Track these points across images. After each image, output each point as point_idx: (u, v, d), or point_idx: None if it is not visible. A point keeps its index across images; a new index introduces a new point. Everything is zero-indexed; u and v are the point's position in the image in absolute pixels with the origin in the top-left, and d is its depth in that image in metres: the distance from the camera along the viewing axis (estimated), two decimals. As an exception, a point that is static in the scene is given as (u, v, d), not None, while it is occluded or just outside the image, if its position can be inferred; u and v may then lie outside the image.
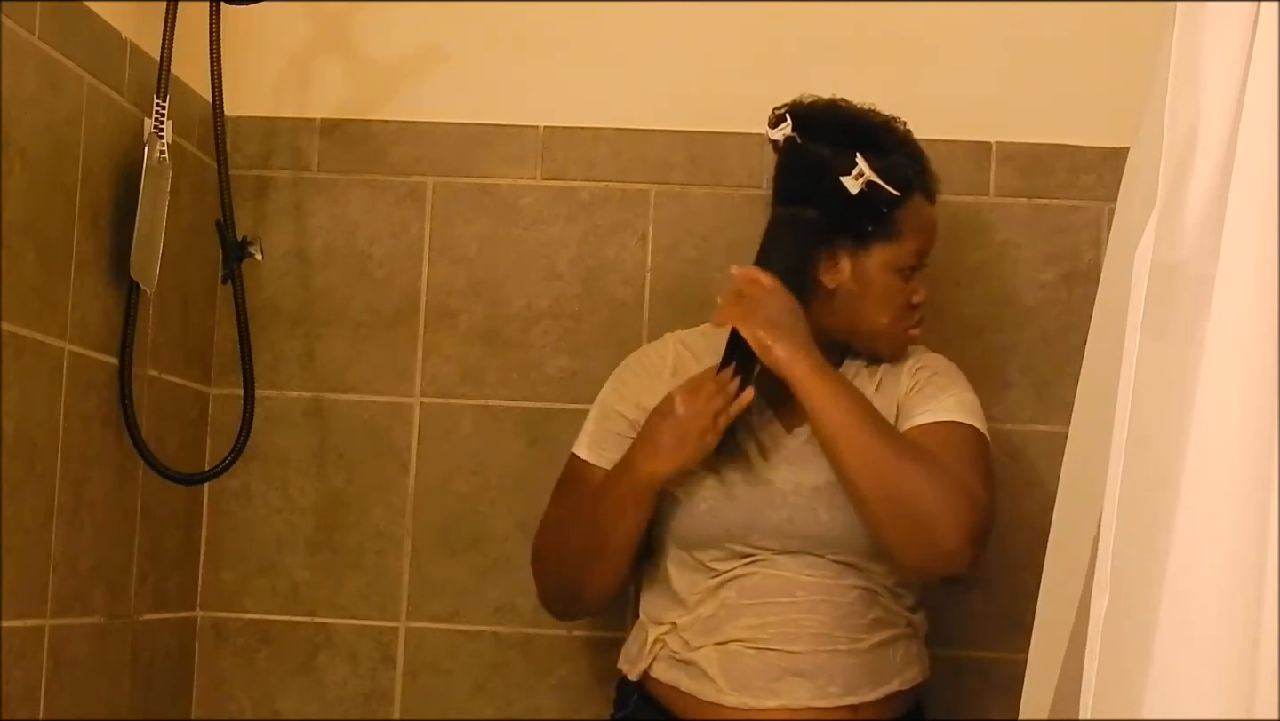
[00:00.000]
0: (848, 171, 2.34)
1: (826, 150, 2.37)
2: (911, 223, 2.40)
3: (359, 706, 2.73)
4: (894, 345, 2.44)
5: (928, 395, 2.39)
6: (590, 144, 2.77)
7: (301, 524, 2.76)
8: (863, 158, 2.34)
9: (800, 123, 2.40)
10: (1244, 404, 1.42)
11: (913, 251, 2.41)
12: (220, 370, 2.75)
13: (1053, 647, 1.62)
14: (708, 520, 2.37)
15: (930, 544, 2.27)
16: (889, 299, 2.41)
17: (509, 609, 2.73)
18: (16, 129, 2.08)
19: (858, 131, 2.40)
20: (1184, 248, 1.48)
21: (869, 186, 2.34)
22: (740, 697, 2.32)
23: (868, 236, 2.38)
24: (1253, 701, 1.39)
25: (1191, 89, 1.49)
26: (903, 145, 2.43)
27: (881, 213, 2.37)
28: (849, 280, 2.40)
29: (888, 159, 2.37)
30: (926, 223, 2.44)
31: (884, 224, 2.38)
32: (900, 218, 2.39)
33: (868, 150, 2.35)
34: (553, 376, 2.75)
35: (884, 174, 2.35)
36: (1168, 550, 1.43)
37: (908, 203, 2.39)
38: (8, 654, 2.09)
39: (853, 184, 2.34)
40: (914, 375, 2.43)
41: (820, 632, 2.32)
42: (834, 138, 2.38)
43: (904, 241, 2.40)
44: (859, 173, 2.34)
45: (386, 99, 2.80)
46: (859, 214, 2.37)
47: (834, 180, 2.35)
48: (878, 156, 2.36)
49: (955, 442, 2.36)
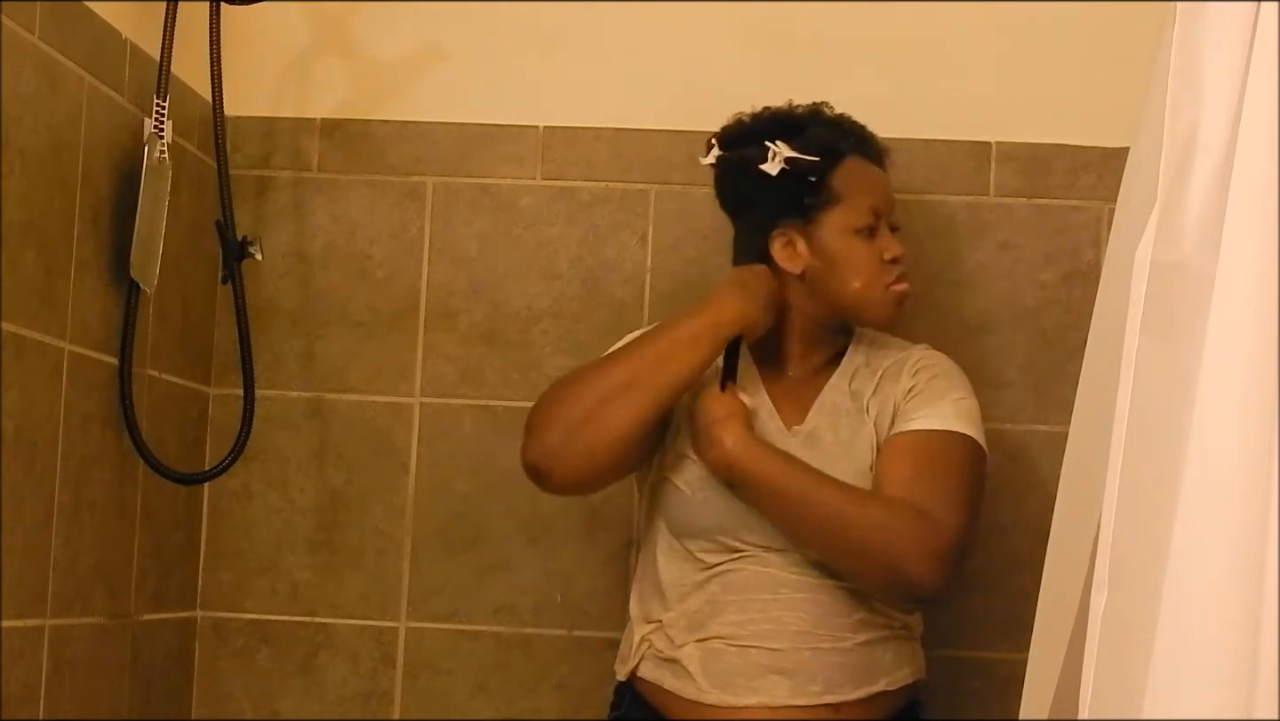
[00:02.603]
0: (764, 160, 2.38)
1: (747, 151, 2.41)
2: (852, 183, 2.41)
3: (359, 706, 2.73)
4: (882, 307, 2.42)
5: (925, 399, 2.39)
6: (590, 144, 2.78)
7: (301, 524, 2.76)
8: (779, 142, 2.38)
9: (724, 142, 2.46)
10: (1244, 404, 1.42)
11: (865, 210, 2.41)
12: (220, 370, 2.75)
13: (1053, 647, 1.62)
14: (702, 510, 2.37)
15: (894, 578, 2.29)
16: (854, 262, 2.41)
17: (509, 609, 2.73)
18: (16, 129, 2.08)
19: (773, 124, 2.44)
20: (1184, 248, 1.48)
21: (788, 162, 2.38)
22: (720, 695, 2.32)
23: (808, 210, 2.40)
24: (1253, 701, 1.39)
25: (1191, 89, 1.49)
26: (826, 121, 2.45)
27: (810, 182, 2.39)
28: (812, 259, 2.41)
29: (805, 134, 2.40)
30: (872, 181, 2.44)
31: (817, 192, 2.40)
32: (834, 182, 2.40)
33: (784, 134, 2.40)
34: (553, 376, 2.73)
35: (802, 148, 2.38)
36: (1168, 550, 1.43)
37: (838, 166, 2.41)
38: (8, 654, 2.09)
39: (771, 167, 2.38)
40: (914, 375, 2.42)
41: (802, 630, 2.32)
42: (752, 138, 2.43)
43: (849, 202, 2.40)
44: (773, 154, 2.38)
45: (386, 99, 2.80)
46: (791, 193, 2.39)
47: (755, 173, 2.39)
48: (796, 136, 2.40)
49: (941, 456, 2.35)
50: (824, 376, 2.45)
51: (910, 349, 2.47)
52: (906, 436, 2.36)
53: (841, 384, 2.43)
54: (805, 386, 2.45)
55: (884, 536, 2.28)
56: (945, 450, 2.36)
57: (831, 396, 2.42)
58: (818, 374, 2.45)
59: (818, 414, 2.41)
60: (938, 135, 2.72)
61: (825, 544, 2.31)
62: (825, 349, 2.46)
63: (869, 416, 2.39)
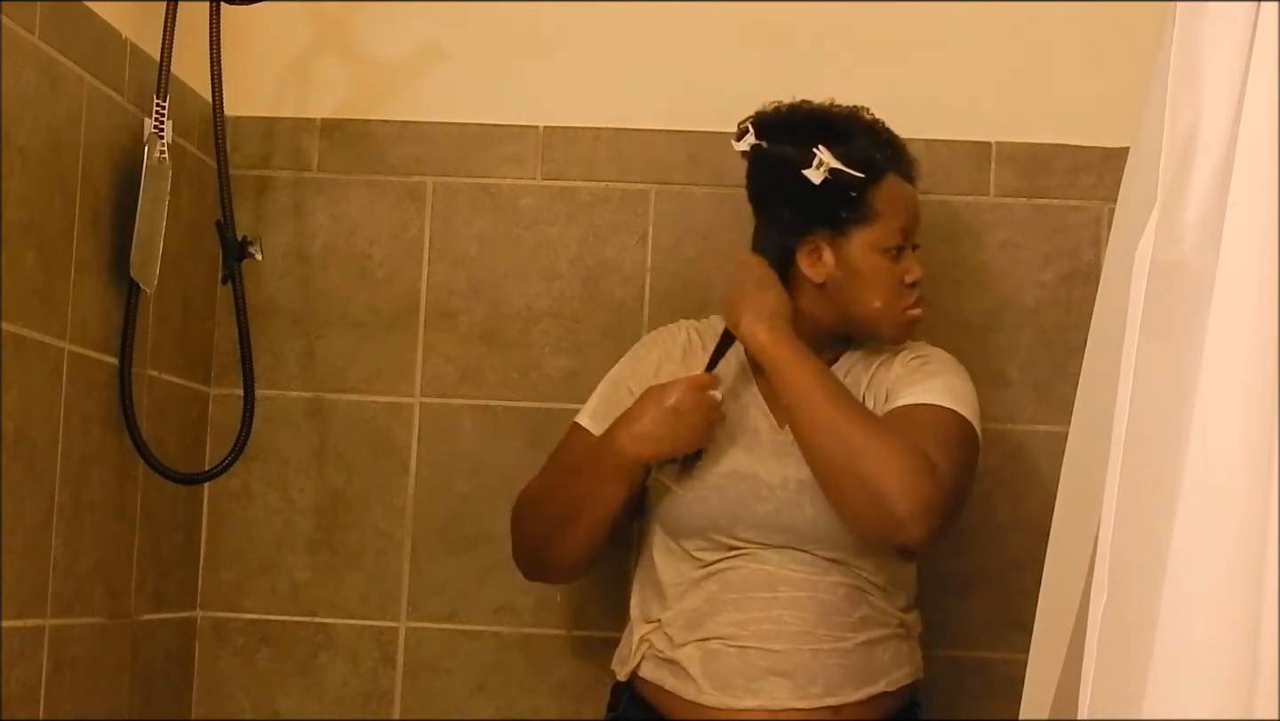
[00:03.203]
0: (808, 165, 2.36)
1: (788, 150, 2.39)
2: (887, 202, 2.40)
3: (359, 706, 2.73)
4: (894, 326, 2.43)
5: (915, 380, 2.39)
6: (590, 144, 2.78)
7: (301, 524, 2.76)
8: (824, 148, 2.35)
9: (762, 130, 2.43)
10: (1244, 404, 1.42)
11: (895, 231, 2.40)
12: (220, 370, 2.75)
13: (1053, 647, 1.62)
14: (695, 509, 2.37)
15: (880, 508, 2.25)
16: (878, 281, 2.40)
17: (509, 609, 2.73)
18: (16, 129, 2.08)
19: (818, 125, 2.41)
20: (1184, 248, 1.48)
21: (832, 174, 2.35)
22: (720, 697, 2.32)
23: (843, 223, 2.39)
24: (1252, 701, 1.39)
25: (1191, 89, 1.49)
26: (868, 130, 2.44)
27: (850, 197, 2.37)
28: (835, 270, 2.40)
29: (850, 144, 2.38)
30: (905, 201, 2.43)
31: (856, 208, 2.38)
32: (873, 199, 2.39)
33: (830, 140, 2.37)
34: (553, 376, 2.75)
35: (847, 159, 2.36)
36: (1168, 550, 1.43)
37: (878, 183, 2.39)
38: (8, 654, 2.09)
39: (815, 175, 2.35)
40: (906, 364, 2.42)
41: (802, 630, 2.32)
42: (795, 137, 2.40)
43: (883, 222, 2.39)
44: (819, 163, 2.35)
45: (386, 99, 2.80)
46: (829, 203, 2.38)
47: (797, 176, 2.36)
48: (841, 144, 2.37)
49: (930, 421, 2.34)
50: (821, 375, 2.45)
51: (907, 344, 2.47)
52: (895, 410, 2.36)
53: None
54: (802, 385, 2.44)
55: (889, 469, 2.25)
56: (933, 418, 2.35)
57: (826, 395, 2.42)
58: (814, 373, 2.45)
59: (811, 412, 2.41)
60: (938, 135, 2.71)
61: (828, 460, 2.29)
62: (825, 353, 2.45)
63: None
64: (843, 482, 2.28)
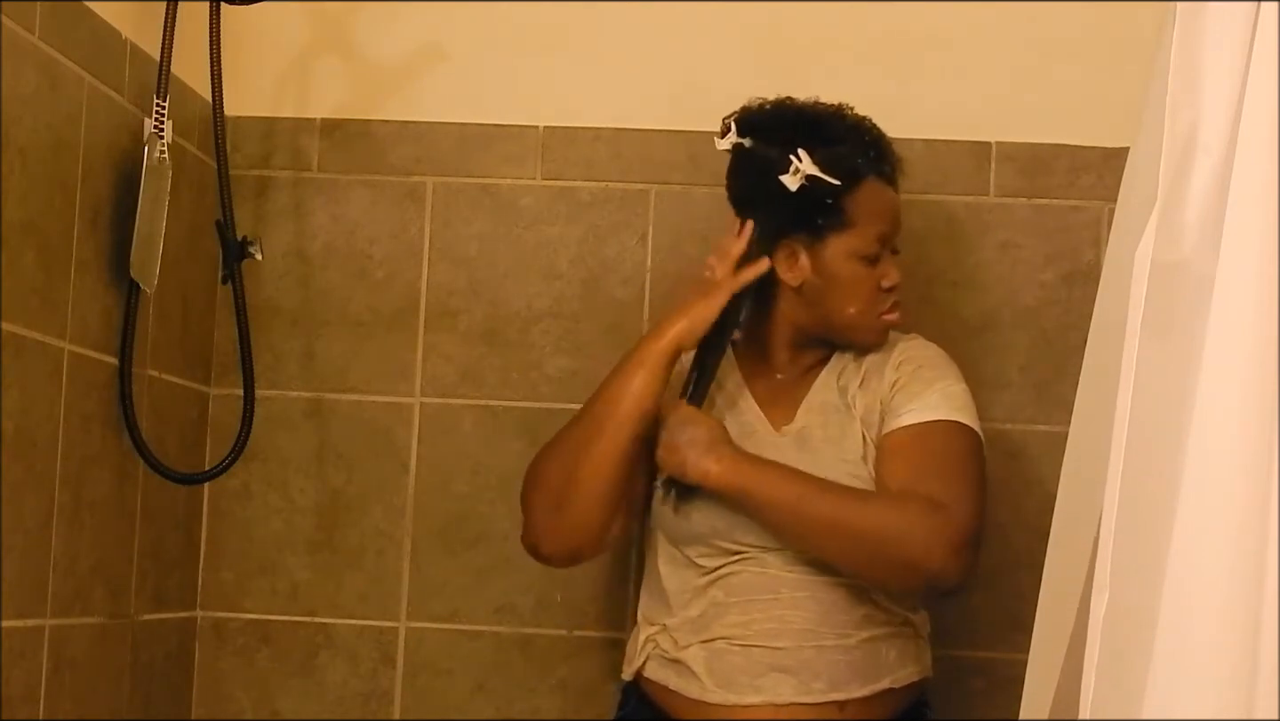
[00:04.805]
0: (786, 170, 2.34)
1: (769, 151, 2.37)
2: (866, 208, 2.38)
3: (359, 706, 2.73)
4: (870, 333, 2.42)
5: (912, 391, 2.37)
6: (590, 144, 2.78)
7: (301, 524, 2.76)
8: (803, 153, 2.33)
9: (745, 128, 2.41)
10: (1244, 404, 1.42)
11: (872, 238, 2.39)
12: (220, 370, 2.75)
13: (1053, 647, 1.62)
14: (693, 516, 2.37)
15: (913, 572, 2.28)
16: (855, 288, 2.39)
17: (509, 609, 2.73)
18: (16, 129, 2.08)
19: (800, 126, 2.39)
20: (1184, 248, 1.48)
21: (809, 180, 2.34)
22: (724, 694, 2.32)
23: (820, 229, 2.37)
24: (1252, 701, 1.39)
25: (1191, 89, 1.49)
26: (851, 132, 2.41)
27: (827, 204, 2.36)
28: (812, 275, 2.39)
29: (831, 149, 2.36)
30: (884, 207, 2.41)
31: (833, 214, 2.37)
32: (850, 206, 2.37)
33: (811, 143, 2.35)
34: (553, 376, 2.75)
35: (826, 164, 2.34)
36: (1168, 550, 1.43)
37: (857, 189, 2.37)
38: (8, 654, 2.09)
39: (791, 182, 2.34)
40: (897, 369, 2.41)
41: (805, 628, 2.32)
42: (776, 137, 2.38)
43: (860, 229, 2.38)
44: (795, 169, 2.33)
45: (386, 99, 2.80)
46: (805, 209, 2.36)
47: (775, 181, 2.35)
48: (822, 147, 2.35)
49: (937, 448, 2.34)
50: (813, 375, 2.45)
51: (896, 341, 2.45)
52: (898, 434, 2.35)
53: (830, 381, 2.43)
54: (795, 386, 2.44)
55: (898, 533, 2.27)
56: (941, 441, 2.35)
57: (821, 395, 2.42)
58: (807, 374, 2.45)
59: (807, 412, 2.41)
60: (938, 135, 2.71)
61: (838, 549, 2.29)
62: (813, 351, 2.45)
63: (855, 413, 2.39)
64: (865, 565, 2.30)
